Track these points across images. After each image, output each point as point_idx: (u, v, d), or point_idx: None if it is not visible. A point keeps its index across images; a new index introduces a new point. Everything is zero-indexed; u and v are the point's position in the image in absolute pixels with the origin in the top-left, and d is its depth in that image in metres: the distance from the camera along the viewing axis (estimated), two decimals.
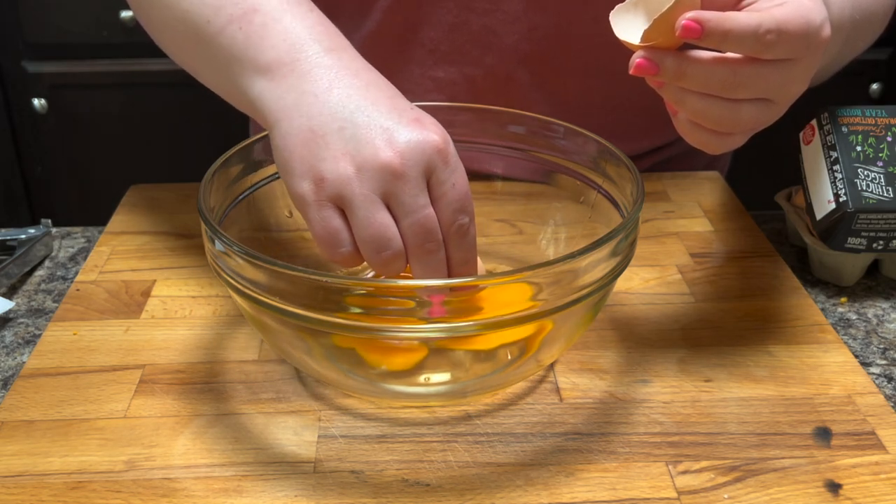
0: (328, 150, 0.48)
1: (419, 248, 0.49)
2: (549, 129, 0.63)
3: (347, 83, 0.50)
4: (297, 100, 0.50)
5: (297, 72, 0.51)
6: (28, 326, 0.65)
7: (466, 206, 0.49)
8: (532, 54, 0.78)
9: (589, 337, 0.62)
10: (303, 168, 0.49)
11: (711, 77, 0.49)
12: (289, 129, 0.50)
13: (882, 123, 0.68)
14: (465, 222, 0.50)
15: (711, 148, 0.54)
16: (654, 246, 0.73)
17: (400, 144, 0.48)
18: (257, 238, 0.61)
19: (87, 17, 1.55)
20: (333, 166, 0.48)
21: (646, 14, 0.52)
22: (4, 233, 0.74)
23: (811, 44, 0.50)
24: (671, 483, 0.50)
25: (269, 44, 0.52)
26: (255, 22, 0.53)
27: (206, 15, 0.55)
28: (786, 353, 0.61)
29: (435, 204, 0.49)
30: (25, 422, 0.55)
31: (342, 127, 0.48)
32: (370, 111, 0.49)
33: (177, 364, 0.60)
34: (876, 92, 1.65)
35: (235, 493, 0.49)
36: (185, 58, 0.61)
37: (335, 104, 0.49)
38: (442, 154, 0.48)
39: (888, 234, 0.66)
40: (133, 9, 0.67)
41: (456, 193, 0.49)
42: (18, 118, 1.62)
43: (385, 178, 0.47)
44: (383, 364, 0.55)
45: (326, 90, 0.50)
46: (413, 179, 0.48)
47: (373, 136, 0.48)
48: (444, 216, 0.49)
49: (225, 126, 1.62)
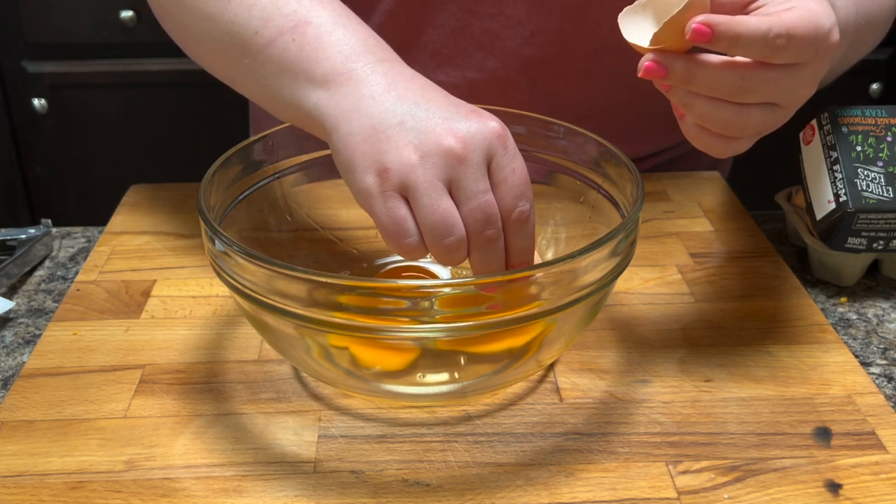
0: (390, 142, 0.49)
1: (479, 235, 0.49)
2: (549, 129, 0.63)
3: (404, 86, 0.51)
4: (356, 104, 0.51)
5: (354, 80, 0.51)
6: (28, 326, 0.65)
7: (526, 191, 0.50)
8: (534, 59, 0.78)
9: (589, 337, 0.62)
10: (366, 163, 0.49)
11: (720, 81, 0.49)
12: (349, 129, 0.50)
13: (882, 123, 0.68)
14: (526, 209, 0.50)
15: (718, 152, 0.54)
16: (654, 246, 0.73)
17: (461, 131, 0.48)
18: (257, 238, 0.61)
19: (87, 17, 1.55)
20: (397, 156, 0.49)
21: (654, 17, 0.52)
22: (4, 233, 0.74)
23: (820, 48, 0.50)
24: (671, 483, 0.50)
25: (325, 55, 0.53)
26: (308, 34, 0.54)
27: (254, 26, 0.55)
28: (786, 353, 0.61)
29: (495, 189, 0.49)
30: (25, 422, 0.55)
31: (402, 121, 0.49)
32: (428, 106, 0.50)
33: (177, 364, 0.60)
34: (876, 92, 1.65)
35: (235, 493, 0.50)
36: (224, 69, 0.61)
37: (393, 103, 0.50)
38: (502, 139, 0.49)
39: (888, 234, 0.66)
40: (161, 17, 0.66)
41: (516, 178, 0.49)
42: (18, 118, 1.63)
43: (448, 162, 0.48)
44: (377, 364, 0.55)
45: (384, 92, 0.51)
46: (475, 164, 0.48)
47: (434, 125, 0.49)
48: (505, 202, 0.49)
49: (225, 126, 1.62)
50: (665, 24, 0.48)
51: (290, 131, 0.62)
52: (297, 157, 0.64)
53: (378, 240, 0.69)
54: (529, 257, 0.51)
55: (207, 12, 0.59)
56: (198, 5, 0.59)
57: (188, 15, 0.61)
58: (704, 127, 0.53)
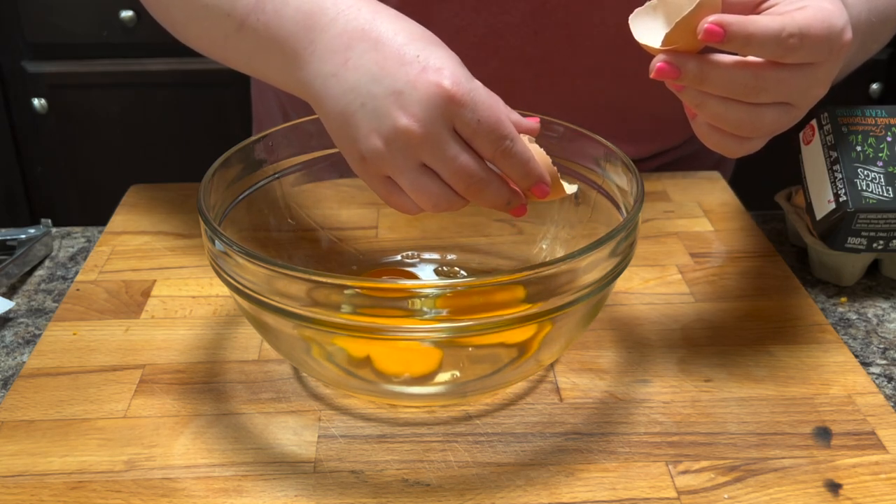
0: (359, 129, 0.51)
1: (466, 190, 0.51)
2: (549, 129, 0.63)
3: (359, 50, 0.51)
4: (323, 85, 0.52)
5: (316, 54, 0.53)
6: (28, 326, 0.65)
7: (500, 131, 0.50)
8: (537, 58, 0.78)
9: (589, 337, 0.62)
10: (348, 148, 0.52)
11: (733, 81, 0.49)
12: (326, 112, 0.53)
13: (882, 123, 0.68)
14: (507, 145, 0.50)
15: (730, 151, 0.54)
16: (654, 246, 0.73)
17: (413, 107, 0.49)
18: (257, 238, 0.61)
19: (87, 17, 1.55)
20: (367, 145, 0.51)
21: (665, 17, 0.51)
22: (4, 233, 0.74)
23: (833, 48, 0.50)
24: (671, 483, 0.50)
25: (287, 31, 0.54)
26: (268, 10, 0.54)
27: (225, 9, 0.57)
28: (786, 353, 0.61)
29: (470, 143, 0.50)
30: (25, 422, 0.55)
31: (363, 103, 0.50)
32: (382, 76, 0.50)
33: (177, 364, 0.60)
34: (876, 92, 1.65)
35: (235, 493, 0.50)
36: (214, 51, 0.62)
37: (353, 80, 0.51)
38: (455, 99, 0.49)
39: (888, 234, 0.66)
40: (149, 6, 0.68)
41: (484, 128, 0.50)
42: (18, 118, 1.63)
43: (410, 144, 0.50)
44: (405, 372, 0.55)
45: (342, 65, 0.51)
46: (435, 136, 0.49)
47: (388, 105, 0.50)
48: (483, 150, 0.51)
49: (225, 126, 1.62)
50: (677, 25, 0.48)
51: (291, 131, 0.62)
52: (297, 156, 0.64)
53: (378, 240, 0.69)
54: (534, 177, 0.52)
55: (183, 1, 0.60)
56: None
57: (171, 3, 0.63)
58: (717, 127, 0.53)
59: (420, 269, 0.67)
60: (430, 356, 0.55)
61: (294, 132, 0.62)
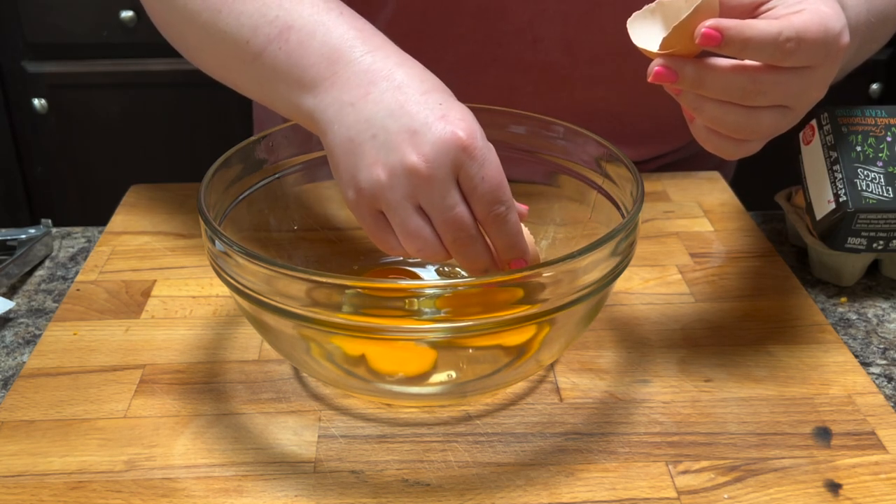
0: (364, 158, 0.50)
1: (453, 242, 0.51)
2: (549, 129, 0.63)
3: (382, 87, 0.51)
4: (339, 112, 0.52)
5: (337, 84, 0.52)
6: (28, 326, 0.65)
7: (499, 195, 0.50)
8: (536, 65, 0.78)
9: (589, 337, 0.62)
10: (347, 177, 0.52)
11: (731, 85, 0.49)
12: (333, 139, 0.52)
13: (882, 123, 0.68)
14: (501, 211, 0.50)
15: (728, 154, 0.54)
16: (654, 246, 0.73)
17: (425, 147, 0.49)
18: (257, 238, 0.61)
19: (87, 17, 1.55)
20: (368, 175, 0.50)
21: (663, 21, 0.51)
22: (4, 233, 0.74)
23: (830, 51, 0.50)
24: (671, 483, 0.50)
25: (309, 62, 0.53)
26: (292, 41, 0.54)
27: (244, 36, 0.56)
28: (786, 353, 0.61)
29: (468, 198, 0.50)
30: (25, 422, 0.55)
31: (375, 134, 0.50)
32: (400, 114, 0.50)
33: (177, 364, 0.60)
34: (876, 92, 1.65)
35: (235, 493, 0.50)
36: (226, 75, 0.62)
37: (370, 112, 0.51)
38: (468, 150, 0.49)
39: (888, 234, 0.66)
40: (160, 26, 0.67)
41: (486, 186, 0.49)
42: (18, 118, 1.62)
43: (413, 182, 0.49)
44: (399, 371, 0.55)
45: (363, 97, 0.51)
46: (440, 181, 0.49)
47: (400, 141, 0.49)
48: (479, 209, 0.50)
49: (225, 126, 1.62)
50: (674, 29, 0.48)
51: (291, 131, 0.62)
52: (297, 157, 0.64)
53: None
54: (518, 251, 0.52)
55: (201, 23, 0.59)
56: (192, 16, 0.60)
57: (186, 26, 0.62)
58: (715, 130, 0.53)
59: (422, 269, 0.67)
60: (424, 356, 0.55)
61: (294, 132, 0.62)
